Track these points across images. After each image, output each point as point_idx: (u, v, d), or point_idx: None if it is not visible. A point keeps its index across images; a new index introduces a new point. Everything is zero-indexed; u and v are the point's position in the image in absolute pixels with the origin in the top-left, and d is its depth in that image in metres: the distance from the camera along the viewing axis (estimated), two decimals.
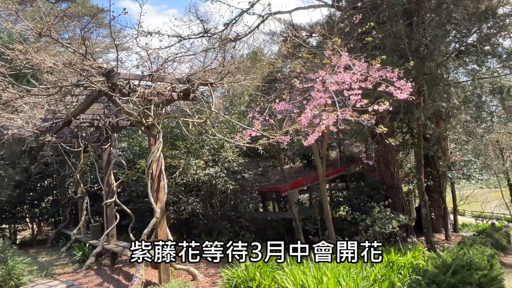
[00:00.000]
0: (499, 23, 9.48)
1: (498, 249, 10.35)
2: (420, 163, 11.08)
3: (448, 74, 11.04)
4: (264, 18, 15.50)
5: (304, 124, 7.34)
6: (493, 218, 37.10)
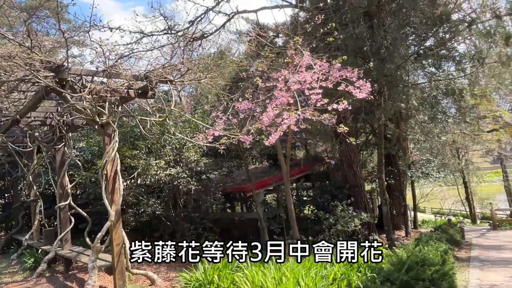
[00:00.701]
0: (453, 28, 9.89)
1: (453, 244, 10.78)
2: (381, 163, 11.36)
3: (407, 76, 11.39)
4: (230, 17, 15.32)
5: (266, 123, 7.28)
6: (450, 214, 39.05)
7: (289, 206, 10.31)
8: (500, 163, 33.17)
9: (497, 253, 10.85)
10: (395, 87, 10.00)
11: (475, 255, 10.41)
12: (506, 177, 30.88)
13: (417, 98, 10.12)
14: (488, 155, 43.50)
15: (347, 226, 11.13)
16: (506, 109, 19.69)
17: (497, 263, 9.14)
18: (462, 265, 9.08)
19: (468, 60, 9.63)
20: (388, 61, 10.08)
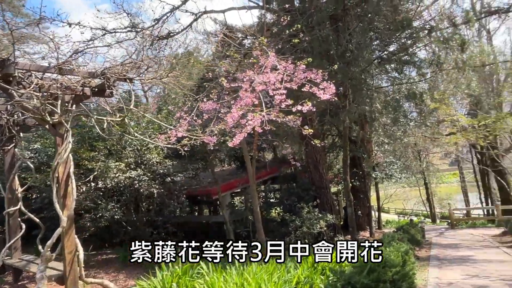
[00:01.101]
0: (414, 34, 10.19)
1: (414, 244, 11.08)
2: (346, 164, 11.49)
3: (372, 80, 11.60)
4: (197, 16, 15.04)
5: (230, 124, 7.13)
6: (412, 214, 40.59)
7: (255, 209, 10.18)
8: (457, 165, 34.92)
9: (454, 251, 11.27)
10: (359, 90, 10.15)
11: (435, 254, 10.75)
12: (463, 178, 32.47)
13: (381, 101, 10.35)
14: (446, 157, 45.74)
15: (312, 228, 11.17)
16: (462, 113, 20.71)
17: (454, 261, 9.47)
18: (423, 265, 9.33)
19: (427, 65, 9.95)
20: (353, 64, 10.23)
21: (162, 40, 13.85)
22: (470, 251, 11.05)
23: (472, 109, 20.56)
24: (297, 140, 12.81)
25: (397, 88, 10.35)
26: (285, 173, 16.20)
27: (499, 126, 14.95)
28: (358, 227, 16.40)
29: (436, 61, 9.49)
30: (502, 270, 8.05)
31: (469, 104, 22.01)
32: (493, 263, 8.94)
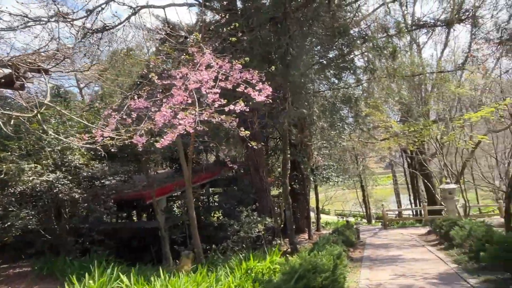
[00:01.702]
0: (351, 41, 10.49)
1: (348, 245, 11.37)
2: (286, 167, 11.48)
3: (312, 84, 11.72)
4: (135, 10, 14.20)
5: (160, 123, 6.63)
6: (350, 215, 42.55)
7: (191, 213, 9.72)
8: (391, 168, 37.34)
9: (385, 251, 11.76)
10: (298, 94, 10.19)
11: (367, 255, 11.10)
12: (395, 180, 34.75)
13: (319, 105, 10.49)
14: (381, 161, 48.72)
15: (251, 231, 10.97)
16: (395, 120, 22.04)
17: (385, 262, 9.83)
18: (355, 266, 9.54)
19: (363, 71, 10.30)
20: (293, 67, 10.24)
21: (96, 33, 12.90)
22: (399, 251, 11.60)
23: (403, 116, 21.96)
24: (237, 143, 12.56)
25: (335, 93, 10.58)
26: (227, 176, 15.89)
27: (425, 133, 16.05)
28: (297, 229, 16.59)
29: (370, 67, 9.85)
30: (426, 268, 8.47)
31: (401, 111, 23.52)
32: (418, 262, 9.40)
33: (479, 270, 7.46)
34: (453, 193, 15.86)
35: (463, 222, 10.23)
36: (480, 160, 27.03)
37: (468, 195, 23.40)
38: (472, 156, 22.07)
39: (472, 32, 11.46)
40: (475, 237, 8.06)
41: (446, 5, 11.05)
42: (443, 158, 17.98)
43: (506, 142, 24.01)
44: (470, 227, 8.87)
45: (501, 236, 6.61)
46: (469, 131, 18.58)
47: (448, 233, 10.93)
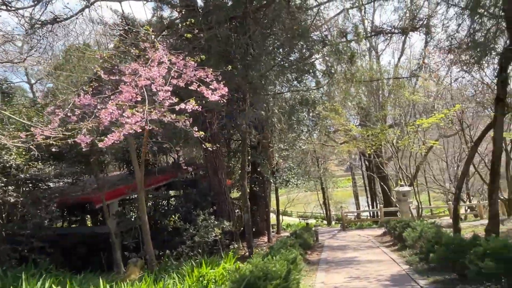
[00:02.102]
0: (312, 45, 10.49)
1: (306, 248, 11.35)
2: (244, 170, 11.26)
3: (273, 86, 11.58)
4: (89, 3, 13.42)
5: (105, 121, 6.16)
6: (311, 217, 43.18)
7: (143, 218, 9.22)
8: (350, 171, 38.37)
9: (342, 253, 11.86)
10: (258, 95, 10.02)
11: (324, 257, 11.12)
12: (355, 183, 35.73)
13: (279, 107, 10.40)
14: (342, 164, 50.01)
15: (207, 236, 10.63)
16: (355, 124, 22.61)
17: (341, 264, 9.87)
18: (312, 269, 9.49)
19: (322, 74, 10.35)
20: (253, 68, 10.07)
21: (46, 25, 12.05)
22: (356, 252, 11.76)
23: (362, 120, 22.59)
24: (195, 144, 12.18)
25: (294, 95, 10.54)
26: (186, 179, 15.42)
27: (382, 137, 16.54)
28: (257, 232, 16.45)
29: (329, 71, 9.91)
30: (379, 270, 8.58)
31: (360, 115, 24.20)
32: (373, 263, 9.53)
33: (429, 271, 7.65)
34: (407, 195, 16.43)
35: (415, 223, 10.53)
36: (432, 164, 28.49)
37: (421, 197, 24.50)
38: (425, 159, 23.14)
39: (425, 40, 11.92)
40: (425, 238, 8.26)
41: (402, 13, 11.37)
42: (399, 162, 18.65)
43: (456, 147, 25.47)
44: (421, 229, 9.11)
45: (449, 237, 6.79)
46: (422, 136, 19.44)
47: (401, 235, 11.22)
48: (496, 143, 7.25)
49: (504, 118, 7.82)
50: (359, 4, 10.53)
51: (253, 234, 16.29)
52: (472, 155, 9.57)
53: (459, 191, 9.46)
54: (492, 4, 7.29)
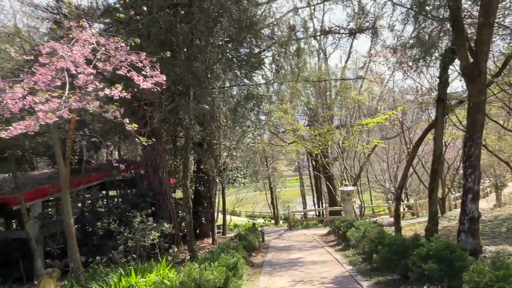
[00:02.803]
0: (260, 38, 10.08)
1: (250, 250, 10.93)
2: (186, 168, 10.55)
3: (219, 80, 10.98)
4: None
5: (14, 108, 5.17)
6: (260, 216, 43.18)
7: (66, 221, 8.11)
8: (298, 171, 38.88)
9: (287, 254, 11.61)
10: (202, 88, 9.38)
11: (269, 259, 10.77)
12: (302, 183, 36.22)
13: (224, 102, 9.84)
14: (291, 164, 50.73)
15: (144, 239, 9.76)
16: (303, 124, 22.73)
17: (285, 266, 9.56)
18: (255, 272, 9.07)
19: (269, 69, 9.99)
20: (197, 59, 9.41)
21: None
22: (300, 253, 11.57)
23: (310, 121, 22.81)
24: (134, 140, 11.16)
25: (241, 89, 10.07)
26: (124, 178, 14.29)
27: (329, 137, 16.69)
28: (201, 234, 15.76)
29: (275, 64, 9.56)
30: (323, 271, 8.37)
31: (308, 116, 24.46)
32: (317, 264, 9.33)
33: (372, 272, 7.57)
34: (351, 195, 16.73)
35: (358, 223, 10.56)
36: (374, 165, 29.74)
37: (364, 196, 25.38)
38: (368, 160, 23.95)
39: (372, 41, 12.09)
40: (369, 238, 8.20)
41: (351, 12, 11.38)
42: (344, 162, 19.01)
43: (396, 149, 26.78)
44: (364, 228, 9.08)
45: (392, 237, 6.71)
46: (367, 136, 20.05)
47: (345, 234, 11.23)
48: (436, 142, 7.35)
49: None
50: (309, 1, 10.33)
51: (198, 236, 15.59)
52: (413, 155, 9.77)
53: (401, 191, 9.61)
54: (436, 7, 7.37)
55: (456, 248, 4.76)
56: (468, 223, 5.60)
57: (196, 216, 15.56)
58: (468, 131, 5.74)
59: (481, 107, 5.56)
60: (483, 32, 5.36)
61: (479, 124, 5.57)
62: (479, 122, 5.57)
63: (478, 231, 5.71)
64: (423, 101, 13.73)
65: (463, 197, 5.83)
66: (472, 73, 5.50)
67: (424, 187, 25.36)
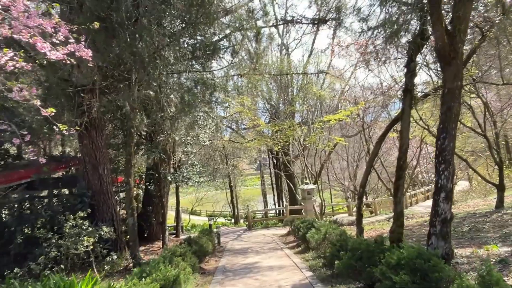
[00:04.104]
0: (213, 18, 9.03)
1: (202, 255, 9.88)
2: (129, 164, 9.30)
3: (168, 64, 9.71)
4: None
5: None
6: (220, 216, 42.08)
7: None
8: (259, 169, 38.20)
9: (243, 258, 10.70)
10: (147, 72, 8.18)
11: (223, 264, 9.79)
12: (263, 181, 35.55)
13: (171, 89, 8.69)
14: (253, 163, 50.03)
15: (76, 247, 8.40)
16: (264, 121, 21.94)
17: (239, 273, 8.62)
18: (206, 281, 8.05)
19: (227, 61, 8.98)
20: (142, 39, 8.20)
21: None
22: (257, 256, 10.71)
23: (272, 117, 22.12)
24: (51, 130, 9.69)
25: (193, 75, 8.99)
26: (63, 176, 12.66)
27: (290, 133, 16.00)
28: (151, 237, 14.44)
29: (231, 48, 8.59)
30: (281, 279, 7.54)
31: (269, 112, 23.74)
32: (274, 270, 8.49)
33: (333, 278, 6.83)
34: (312, 193, 16.17)
35: (319, 224, 9.88)
36: (334, 163, 29.71)
37: (324, 194, 25.09)
38: (328, 158, 23.68)
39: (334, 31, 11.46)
40: (330, 241, 7.49)
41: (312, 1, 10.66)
42: (305, 160, 18.46)
43: (356, 147, 26.84)
44: (325, 230, 8.37)
45: (355, 242, 5.98)
46: (328, 134, 19.66)
47: (305, 236, 10.51)
48: (402, 135, 6.75)
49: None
50: None
51: (147, 240, 14.24)
52: (375, 152, 9.23)
53: (363, 189, 9.02)
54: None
55: (430, 256, 4.05)
56: (440, 225, 4.97)
57: (145, 217, 14.22)
58: (442, 121, 5.13)
59: (457, 94, 4.98)
60: (460, 7, 4.77)
61: (454, 113, 4.99)
62: (454, 112, 4.99)
63: (450, 234, 5.11)
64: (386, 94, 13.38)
65: (434, 195, 5.21)
66: (448, 55, 4.90)
67: (383, 185, 25.64)
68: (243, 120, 20.81)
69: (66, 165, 12.77)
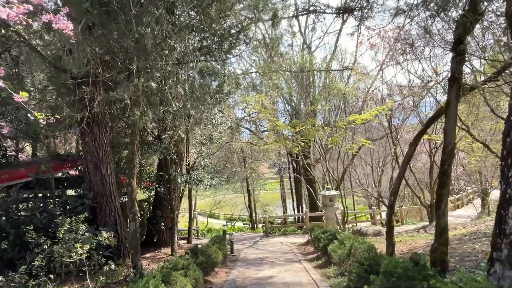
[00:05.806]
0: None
1: (210, 267, 8.87)
2: (132, 163, 8.42)
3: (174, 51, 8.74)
4: None
5: None
6: (238, 220, 41.15)
7: None
8: (279, 172, 36.94)
9: (256, 270, 9.62)
10: (148, 60, 7.28)
11: (232, 278, 8.73)
12: (282, 185, 34.27)
13: (178, 79, 7.75)
14: (273, 167, 48.86)
15: (69, 254, 7.57)
16: (283, 122, 20.82)
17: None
18: None
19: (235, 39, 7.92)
20: (144, 24, 7.32)
21: None
22: (272, 269, 9.59)
23: (292, 119, 21.00)
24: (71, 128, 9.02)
25: (200, 65, 8.04)
26: (67, 176, 12.04)
27: (311, 133, 14.81)
28: (160, 243, 13.57)
29: (243, 34, 7.57)
30: None
31: (289, 114, 22.62)
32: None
33: None
34: (333, 200, 14.91)
35: (343, 236, 8.67)
36: (357, 168, 28.11)
37: (346, 200, 23.60)
38: (351, 162, 22.24)
39: (360, 20, 10.22)
40: (356, 258, 6.30)
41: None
42: (326, 164, 17.22)
43: (380, 152, 25.22)
44: (350, 244, 7.17)
45: (389, 264, 4.78)
46: (352, 136, 18.33)
47: (326, 247, 9.34)
48: (448, 134, 5.51)
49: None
50: None
51: (155, 245, 13.39)
52: (410, 154, 7.94)
53: (394, 197, 7.75)
54: None
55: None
56: (508, 249, 3.74)
57: (154, 221, 13.38)
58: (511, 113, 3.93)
59: None
60: None
61: None
62: None
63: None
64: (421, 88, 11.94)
65: (499, 209, 3.99)
66: None
67: (410, 191, 23.86)
68: (261, 122, 19.78)
69: (72, 164, 12.12)
